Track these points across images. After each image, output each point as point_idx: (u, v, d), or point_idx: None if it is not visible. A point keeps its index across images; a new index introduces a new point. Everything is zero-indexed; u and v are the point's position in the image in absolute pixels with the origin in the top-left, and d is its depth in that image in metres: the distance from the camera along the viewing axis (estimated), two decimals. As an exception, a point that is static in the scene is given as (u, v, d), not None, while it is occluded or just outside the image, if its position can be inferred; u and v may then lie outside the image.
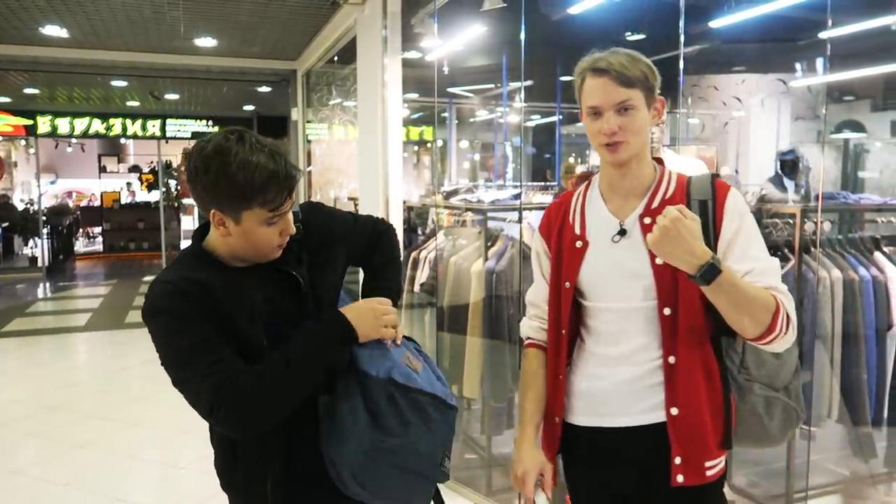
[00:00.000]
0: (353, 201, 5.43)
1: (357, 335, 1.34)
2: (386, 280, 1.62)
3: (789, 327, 1.31)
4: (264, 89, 9.40)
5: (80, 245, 14.81)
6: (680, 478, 1.37)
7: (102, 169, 15.47)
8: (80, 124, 11.35)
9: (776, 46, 7.30)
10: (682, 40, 2.85)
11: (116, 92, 10.22)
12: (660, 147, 3.11)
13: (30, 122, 11.07)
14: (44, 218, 11.81)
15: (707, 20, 5.50)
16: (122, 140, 14.31)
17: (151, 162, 14.45)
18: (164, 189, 13.50)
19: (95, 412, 4.65)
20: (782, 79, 8.18)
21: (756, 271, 1.34)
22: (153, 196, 14.29)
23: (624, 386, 1.43)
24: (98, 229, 14.71)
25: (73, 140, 13.64)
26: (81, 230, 15.17)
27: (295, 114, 7.87)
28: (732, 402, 1.43)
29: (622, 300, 1.43)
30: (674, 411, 1.38)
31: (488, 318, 3.24)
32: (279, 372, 1.27)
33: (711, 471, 1.40)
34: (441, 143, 11.61)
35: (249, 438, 1.34)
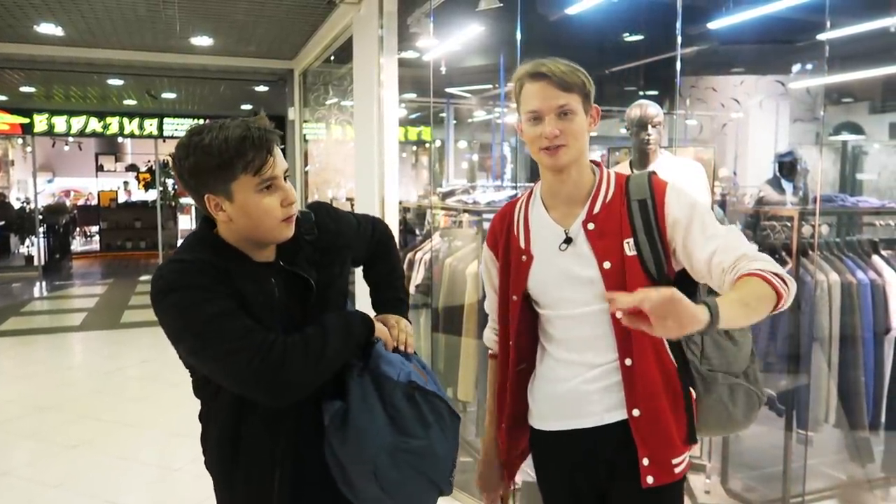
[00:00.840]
0: (351, 201, 5.42)
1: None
2: (397, 291, 1.67)
3: (787, 283, 1.27)
4: (261, 89, 9.39)
5: (77, 244, 14.76)
6: (650, 479, 1.40)
7: (99, 168, 15.47)
8: (77, 123, 11.33)
9: (775, 48, 7.29)
10: (680, 41, 2.85)
11: (113, 90, 10.20)
12: (657, 148, 3.11)
13: (26, 121, 11.05)
14: (40, 217, 11.77)
15: (705, 21, 5.49)
16: (120, 139, 14.29)
17: (149, 161, 14.43)
18: (162, 188, 13.51)
19: (90, 413, 4.62)
20: (781, 80, 8.18)
21: (721, 247, 1.33)
22: (150, 195, 14.29)
23: (585, 387, 1.46)
24: (95, 228, 14.70)
25: (71, 139, 13.62)
26: (78, 229, 15.12)
27: (292, 113, 7.85)
28: (693, 397, 1.46)
29: (574, 306, 1.45)
30: (636, 412, 1.41)
31: (483, 321, 3.22)
32: (321, 341, 1.30)
33: (679, 468, 1.43)
34: (439, 144, 11.59)
35: (281, 405, 1.31)
